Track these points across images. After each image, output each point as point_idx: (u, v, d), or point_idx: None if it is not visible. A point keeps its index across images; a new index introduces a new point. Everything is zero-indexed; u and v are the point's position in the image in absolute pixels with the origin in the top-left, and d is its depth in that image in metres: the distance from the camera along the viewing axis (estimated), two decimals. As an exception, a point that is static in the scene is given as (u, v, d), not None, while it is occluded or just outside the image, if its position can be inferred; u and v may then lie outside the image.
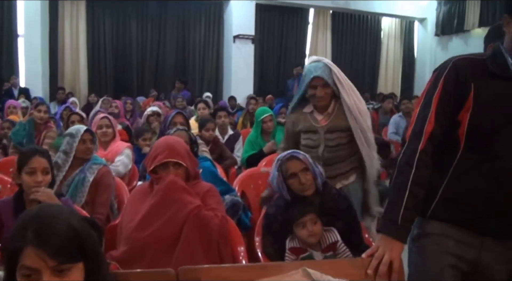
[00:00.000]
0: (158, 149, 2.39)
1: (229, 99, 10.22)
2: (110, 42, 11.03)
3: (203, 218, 2.22)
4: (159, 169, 2.34)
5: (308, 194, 2.44)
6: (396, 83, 14.28)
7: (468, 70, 1.64)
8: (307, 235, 2.29)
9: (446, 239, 1.70)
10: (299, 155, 2.49)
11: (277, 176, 2.49)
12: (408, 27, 14.38)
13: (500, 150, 1.59)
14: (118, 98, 9.23)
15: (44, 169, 2.34)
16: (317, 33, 13.03)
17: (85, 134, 3.16)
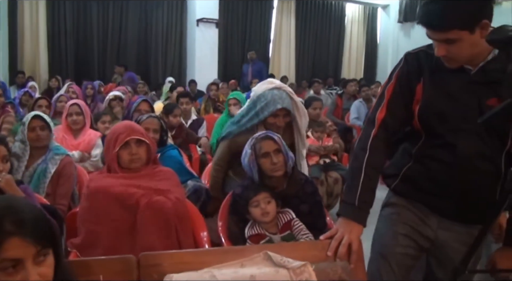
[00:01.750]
0: (117, 131, 2.39)
1: (190, 84, 10.10)
2: (71, 24, 10.68)
3: (155, 204, 2.21)
4: (121, 150, 2.33)
5: (277, 175, 2.46)
6: (359, 68, 14.47)
7: (418, 63, 1.74)
8: (260, 214, 2.32)
9: (407, 211, 1.85)
10: (274, 136, 2.53)
11: (249, 154, 2.51)
12: (372, 13, 14.54)
13: (447, 138, 1.68)
14: (80, 82, 9.04)
15: (4, 157, 2.29)
16: (281, 18, 13.01)
17: (33, 121, 3.02)
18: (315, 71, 13.63)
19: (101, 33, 11.07)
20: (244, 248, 1.93)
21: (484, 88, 1.62)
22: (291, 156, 2.53)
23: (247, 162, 2.53)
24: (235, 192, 2.56)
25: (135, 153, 2.34)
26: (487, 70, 1.62)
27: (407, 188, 1.83)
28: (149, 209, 2.20)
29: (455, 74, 1.65)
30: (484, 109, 1.58)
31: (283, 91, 2.93)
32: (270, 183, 2.48)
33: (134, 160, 2.35)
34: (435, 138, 1.71)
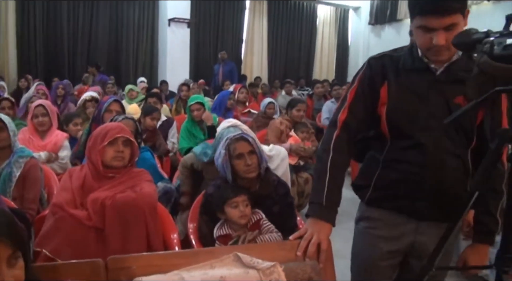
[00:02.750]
0: (107, 127, 2.43)
1: (161, 84, 10.04)
2: (40, 23, 10.46)
3: (119, 202, 2.22)
4: (108, 146, 2.34)
5: (251, 177, 2.48)
6: (330, 69, 14.60)
7: (382, 67, 1.76)
8: (238, 216, 2.32)
9: (384, 223, 1.83)
10: (249, 137, 2.55)
11: (223, 155, 2.51)
12: (343, 15, 14.69)
13: (417, 137, 1.69)
14: (50, 81, 8.88)
15: None
16: (254, 18, 13.04)
17: None
18: (287, 71, 13.70)
19: (71, 32, 10.88)
20: (214, 249, 1.92)
21: (451, 87, 1.66)
22: (264, 158, 2.55)
23: (221, 163, 2.53)
24: (207, 191, 2.56)
25: (121, 151, 2.36)
26: (452, 70, 1.66)
27: (381, 197, 1.82)
28: (115, 208, 2.20)
29: (421, 75, 1.69)
30: (452, 107, 1.64)
31: (238, 129, 3.03)
32: (243, 183, 2.49)
33: (118, 158, 2.36)
34: (404, 140, 1.72)
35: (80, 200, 2.26)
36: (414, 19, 1.61)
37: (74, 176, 2.38)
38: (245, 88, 7.22)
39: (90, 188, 2.31)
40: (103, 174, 2.35)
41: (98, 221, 2.18)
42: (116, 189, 2.30)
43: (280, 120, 4.81)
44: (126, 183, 2.37)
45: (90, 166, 2.38)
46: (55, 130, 4.00)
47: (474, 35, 1.40)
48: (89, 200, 2.22)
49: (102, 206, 2.19)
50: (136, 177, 2.42)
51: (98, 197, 2.22)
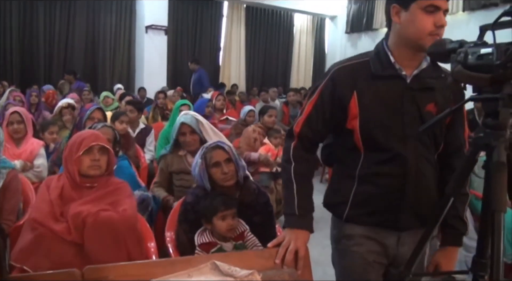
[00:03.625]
0: (82, 136, 2.40)
1: (139, 90, 9.99)
2: (16, 27, 10.33)
3: (101, 221, 2.18)
4: (83, 156, 2.32)
5: (228, 185, 2.48)
6: (307, 77, 14.67)
7: (347, 79, 1.72)
8: (226, 228, 2.30)
9: (367, 239, 1.79)
10: (224, 145, 2.56)
11: (200, 164, 2.51)
12: (320, 24, 14.81)
13: (395, 148, 1.68)
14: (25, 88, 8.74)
15: None
16: (231, 26, 13.05)
17: None
18: (265, 79, 13.74)
19: (47, 37, 10.75)
20: (192, 258, 1.91)
21: (421, 94, 1.67)
22: (242, 165, 2.56)
23: (198, 172, 2.53)
24: (186, 200, 2.55)
25: (97, 160, 2.34)
26: (421, 77, 1.67)
27: (360, 214, 1.77)
28: (95, 227, 2.16)
29: (392, 82, 1.68)
30: (424, 115, 1.65)
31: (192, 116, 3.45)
32: (222, 191, 2.48)
33: (94, 167, 2.34)
34: (380, 153, 1.70)
35: (60, 210, 2.23)
36: (416, 2, 1.60)
37: (52, 186, 2.34)
38: (222, 95, 7.24)
39: (69, 198, 2.28)
40: (81, 184, 2.32)
41: (78, 237, 2.15)
42: (97, 203, 2.26)
43: (253, 127, 4.84)
44: (108, 197, 2.33)
45: (68, 175, 2.35)
46: (30, 138, 3.96)
47: (448, 44, 1.41)
48: (70, 214, 2.18)
49: (83, 223, 2.16)
50: (117, 191, 2.39)
51: (80, 212, 2.18)
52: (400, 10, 1.65)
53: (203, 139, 3.38)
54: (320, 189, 6.41)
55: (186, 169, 3.29)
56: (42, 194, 2.33)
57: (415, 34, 1.62)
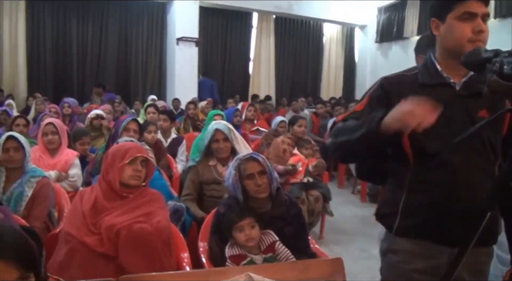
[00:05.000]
0: (125, 146, 2.45)
1: (173, 101, 10.11)
2: (50, 42, 10.62)
3: (135, 233, 2.21)
4: (126, 165, 2.35)
5: (262, 197, 2.47)
6: (337, 87, 14.59)
7: (395, 87, 1.70)
8: (244, 239, 2.31)
9: (414, 257, 1.71)
10: (259, 157, 2.55)
11: (233, 175, 2.51)
12: (350, 33, 14.73)
13: (444, 156, 1.63)
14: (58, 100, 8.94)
15: None
16: (261, 37, 13.13)
17: (7, 142, 2.99)
18: (294, 89, 13.71)
19: (80, 51, 11.01)
20: (226, 269, 1.91)
21: (472, 101, 1.63)
22: (275, 177, 2.54)
23: (231, 183, 2.53)
24: (219, 211, 2.55)
25: (139, 171, 2.38)
26: (470, 83, 1.64)
27: (411, 225, 1.69)
28: (130, 239, 2.19)
29: (441, 90, 1.65)
30: (477, 121, 1.58)
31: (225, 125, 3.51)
32: (255, 204, 2.48)
33: (135, 177, 2.37)
34: (428, 161, 1.64)
35: (92, 222, 2.26)
36: (453, 10, 1.59)
37: (84, 198, 2.38)
38: (253, 106, 7.24)
39: (102, 209, 2.31)
40: (118, 193, 2.35)
41: (111, 249, 2.18)
42: (131, 214, 2.29)
43: (282, 138, 4.80)
44: (141, 208, 2.35)
45: (103, 185, 2.38)
46: (65, 148, 4.02)
47: (483, 54, 1.38)
48: (104, 226, 2.21)
49: (117, 235, 2.18)
50: (150, 202, 2.41)
51: (114, 225, 2.20)
52: (438, 23, 1.66)
53: (233, 148, 3.42)
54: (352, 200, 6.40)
55: (216, 179, 3.32)
56: (75, 206, 2.37)
57: (455, 44, 1.61)
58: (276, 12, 12.60)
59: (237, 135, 3.59)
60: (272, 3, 12.04)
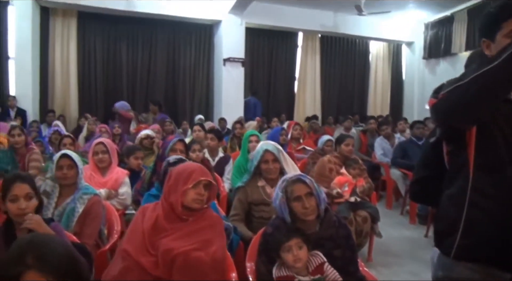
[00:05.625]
0: (190, 168, 2.43)
1: (220, 121, 10.25)
2: (101, 64, 11.01)
3: (192, 262, 2.21)
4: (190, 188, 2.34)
5: (309, 219, 2.44)
6: (385, 105, 14.43)
7: None
8: (292, 260, 2.28)
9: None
10: (306, 179, 2.51)
11: (280, 197, 2.49)
12: (396, 50, 14.59)
13: (508, 170, 1.54)
14: (108, 120, 9.23)
15: (27, 194, 2.31)
16: (306, 56, 13.17)
17: (61, 160, 3.11)
18: (341, 108, 13.65)
19: (130, 72, 11.35)
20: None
21: None
22: (323, 198, 2.51)
23: (278, 204, 2.51)
24: (266, 231, 2.54)
25: (203, 194, 2.36)
26: None
27: (471, 247, 1.56)
28: (185, 267, 2.19)
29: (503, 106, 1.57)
30: None
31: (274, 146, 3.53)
32: (302, 225, 2.45)
33: (198, 200, 2.36)
34: (490, 173, 1.55)
35: (150, 241, 2.27)
36: (500, 29, 1.56)
37: (146, 216, 2.38)
38: (299, 125, 7.22)
39: (161, 229, 2.31)
40: (179, 216, 2.35)
41: (165, 273, 2.19)
42: (189, 239, 2.29)
43: (328, 157, 4.72)
44: (200, 233, 2.34)
45: (165, 206, 2.38)
46: (115, 167, 4.15)
47: None
48: (161, 250, 2.22)
49: (173, 261, 2.19)
50: (209, 227, 2.40)
51: (171, 250, 2.21)
52: (489, 43, 1.63)
53: (282, 169, 3.41)
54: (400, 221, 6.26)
55: (265, 201, 3.32)
56: (136, 223, 2.38)
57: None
58: (321, 31, 12.63)
59: (286, 156, 3.57)
60: (318, 22, 12.11)
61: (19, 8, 9.48)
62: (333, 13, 12.18)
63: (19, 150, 4.76)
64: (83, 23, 10.74)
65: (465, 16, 11.44)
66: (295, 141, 6.83)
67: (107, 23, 10.87)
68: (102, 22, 10.83)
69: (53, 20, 10.48)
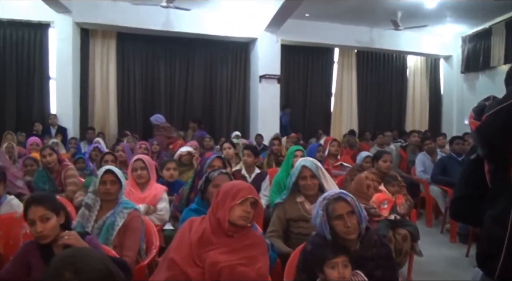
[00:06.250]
0: (238, 185, 2.46)
1: (256, 137, 10.29)
2: (139, 82, 11.29)
3: (237, 276, 2.22)
4: (236, 205, 2.36)
5: (351, 238, 2.40)
6: (423, 120, 14.19)
7: None
8: (336, 277, 2.24)
9: None
10: (347, 196, 2.47)
11: (321, 215, 2.46)
12: (434, 64, 14.38)
13: None
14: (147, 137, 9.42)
15: (42, 216, 2.28)
16: (342, 72, 13.13)
17: (105, 176, 3.18)
18: (378, 124, 13.50)
19: (168, 89, 11.57)
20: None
21: None
22: (364, 216, 2.47)
23: (319, 223, 2.48)
24: (305, 249, 2.51)
25: (249, 212, 2.38)
26: None
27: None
28: (231, 280, 2.20)
29: None
30: None
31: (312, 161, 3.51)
32: (343, 243, 2.41)
33: (244, 218, 2.37)
34: None
35: (197, 253, 2.30)
36: None
37: (193, 229, 2.41)
38: (336, 141, 7.16)
39: (208, 243, 2.34)
40: (226, 231, 2.37)
41: None
42: (235, 255, 2.31)
43: (365, 174, 4.63)
44: (245, 250, 2.36)
45: (213, 221, 2.40)
46: (154, 183, 4.21)
47: None
48: (208, 262, 2.24)
49: (219, 273, 2.21)
50: (254, 246, 2.41)
51: (218, 262, 2.23)
52: None
53: (321, 185, 3.39)
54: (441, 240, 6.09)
55: (304, 217, 3.29)
56: (183, 235, 2.41)
57: None
58: (357, 46, 12.60)
59: (325, 173, 3.55)
60: (353, 37, 12.10)
61: (60, 30, 9.88)
62: (369, 28, 12.15)
63: (54, 168, 4.87)
64: (122, 43, 11.07)
65: (503, 29, 11.22)
66: (332, 157, 6.79)
67: (145, 43, 11.16)
68: (140, 42, 11.14)
69: (93, 41, 10.85)
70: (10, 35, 10.11)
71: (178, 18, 10.33)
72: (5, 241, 3.21)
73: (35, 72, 10.27)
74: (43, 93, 10.32)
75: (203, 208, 2.98)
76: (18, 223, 3.27)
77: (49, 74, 10.34)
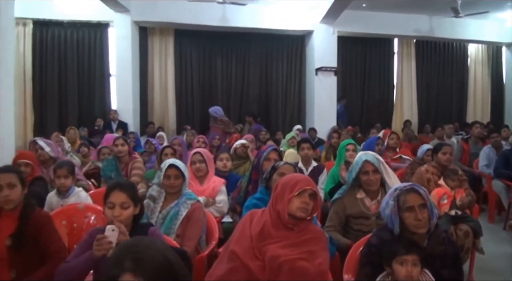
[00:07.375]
0: (296, 178, 2.49)
1: (309, 131, 10.26)
2: (197, 78, 11.49)
3: (298, 270, 2.24)
4: (295, 197, 2.38)
5: (420, 232, 2.35)
6: (485, 111, 13.68)
7: None
8: (404, 275, 2.19)
9: None
10: (420, 189, 2.42)
11: (391, 206, 2.41)
12: (496, 52, 13.83)
13: None
14: (204, 132, 9.61)
15: (122, 203, 2.38)
16: (402, 62, 12.82)
17: (169, 170, 3.29)
18: (438, 115, 13.15)
19: (225, 84, 11.72)
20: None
21: None
22: (435, 212, 2.40)
23: (388, 214, 2.43)
24: (371, 242, 2.47)
25: (307, 203, 2.39)
26: None
27: None
28: (291, 274, 2.22)
29: None
30: None
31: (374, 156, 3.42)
32: (411, 238, 2.35)
33: (302, 209, 2.38)
34: None
35: (257, 246, 2.33)
36: None
37: (254, 221, 2.44)
38: (395, 134, 7.02)
39: (268, 236, 2.36)
40: (285, 224, 2.40)
41: (271, 278, 2.23)
42: (295, 249, 2.32)
43: (425, 167, 4.52)
44: (305, 245, 2.36)
45: (273, 214, 2.43)
46: (212, 176, 4.32)
47: None
48: (268, 255, 2.27)
49: (279, 267, 2.23)
50: (314, 240, 2.41)
51: (278, 256, 2.25)
52: None
53: (383, 180, 3.34)
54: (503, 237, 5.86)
55: (364, 213, 3.23)
56: (244, 227, 2.44)
57: None
58: (417, 35, 12.26)
59: (387, 167, 3.44)
60: (412, 26, 11.80)
61: (119, 29, 10.22)
62: (428, 16, 11.80)
63: (123, 159, 5.14)
64: (179, 40, 11.29)
65: None
66: (391, 150, 6.67)
67: (202, 39, 11.35)
68: (197, 38, 11.33)
69: (151, 39, 11.14)
70: (71, 35, 10.55)
71: (233, 13, 10.42)
72: (68, 230, 3.38)
73: (96, 70, 10.69)
74: (104, 90, 10.74)
75: (267, 197, 2.96)
76: (81, 213, 3.48)
77: (110, 72, 10.74)
